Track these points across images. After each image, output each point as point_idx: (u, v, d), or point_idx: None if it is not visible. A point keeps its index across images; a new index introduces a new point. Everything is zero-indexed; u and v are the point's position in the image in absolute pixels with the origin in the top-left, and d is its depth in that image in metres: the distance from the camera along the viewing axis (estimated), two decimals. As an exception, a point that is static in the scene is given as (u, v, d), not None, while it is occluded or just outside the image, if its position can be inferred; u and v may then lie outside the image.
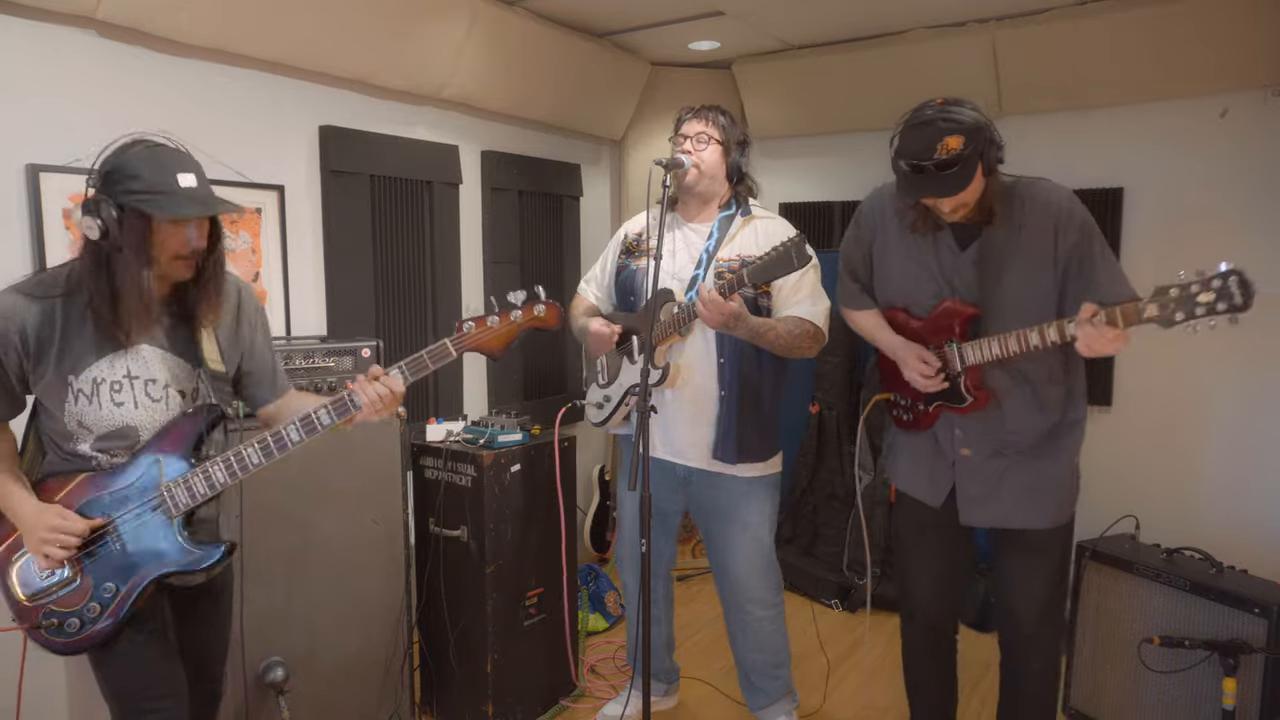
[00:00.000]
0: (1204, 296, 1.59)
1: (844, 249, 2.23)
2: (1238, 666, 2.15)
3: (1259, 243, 3.14)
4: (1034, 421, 2.00)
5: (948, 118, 1.79)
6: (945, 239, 1.99)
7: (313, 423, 1.62)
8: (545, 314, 1.67)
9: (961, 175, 1.78)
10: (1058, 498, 2.04)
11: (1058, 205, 1.90)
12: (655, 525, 2.51)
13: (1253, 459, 3.20)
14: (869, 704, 2.87)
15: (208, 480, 1.59)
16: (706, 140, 2.37)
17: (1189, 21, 3.00)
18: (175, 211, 1.45)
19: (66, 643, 1.57)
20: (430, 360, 1.64)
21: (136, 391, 1.59)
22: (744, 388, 2.34)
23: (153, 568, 1.58)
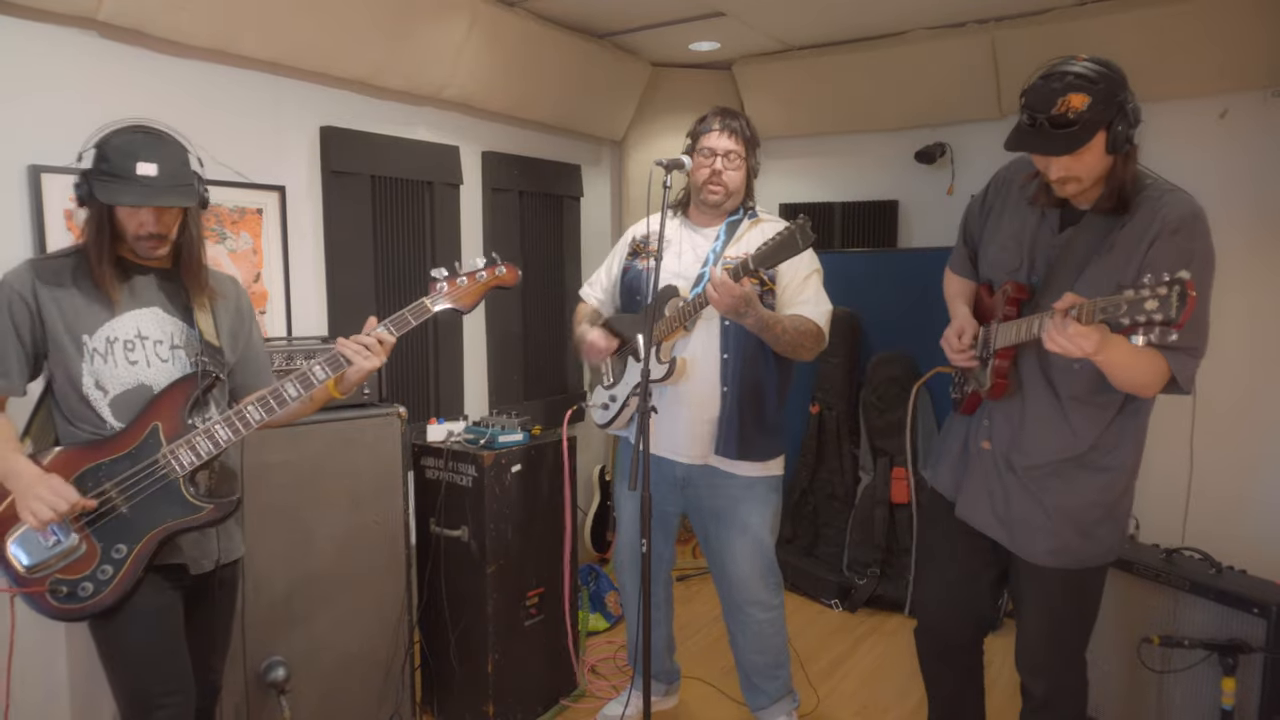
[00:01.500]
0: (1149, 303, 1.41)
1: (966, 211, 2.11)
2: (1237, 666, 2.15)
3: (1259, 243, 3.14)
4: (1048, 440, 1.83)
5: (1079, 74, 1.61)
6: (1050, 217, 1.84)
7: (308, 377, 1.70)
8: (505, 274, 1.88)
9: (1075, 138, 1.61)
10: (1050, 536, 1.85)
11: (1165, 215, 1.67)
12: (655, 527, 2.50)
13: (1252, 459, 3.20)
14: (869, 704, 2.87)
15: (211, 439, 1.65)
16: (737, 159, 2.36)
17: (1189, 22, 3.01)
18: (112, 198, 1.55)
19: (80, 607, 1.59)
20: (411, 316, 1.81)
21: (148, 351, 1.68)
22: (746, 385, 2.34)
23: (162, 525, 1.62)
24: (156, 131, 1.64)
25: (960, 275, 2.11)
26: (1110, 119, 1.61)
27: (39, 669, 2.24)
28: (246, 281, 2.75)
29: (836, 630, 3.43)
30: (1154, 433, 1.83)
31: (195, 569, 1.73)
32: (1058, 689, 1.97)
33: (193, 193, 1.63)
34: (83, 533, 1.59)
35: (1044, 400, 1.84)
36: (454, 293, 1.83)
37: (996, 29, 3.38)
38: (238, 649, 2.22)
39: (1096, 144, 1.63)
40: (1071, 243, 1.80)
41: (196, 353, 1.72)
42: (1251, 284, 3.15)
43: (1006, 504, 1.90)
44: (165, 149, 1.61)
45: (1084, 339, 1.52)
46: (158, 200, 1.58)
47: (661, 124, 4.15)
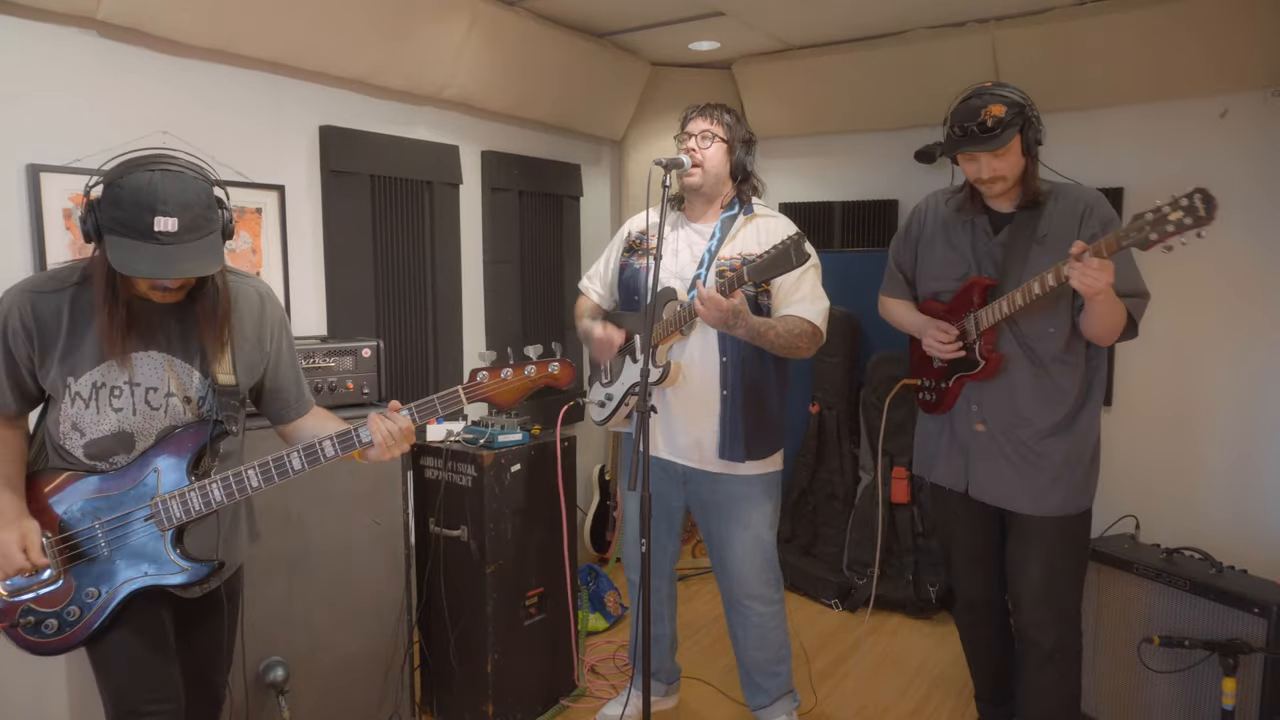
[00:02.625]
0: (1173, 215, 1.71)
1: (893, 245, 2.43)
2: (1237, 666, 2.15)
3: (1259, 243, 3.14)
4: (1044, 403, 2.10)
5: (994, 92, 2.03)
6: (982, 224, 2.19)
7: (316, 454, 1.61)
8: (559, 373, 1.68)
9: (1000, 137, 1.98)
10: (1065, 486, 2.12)
11: (1084, 199, 2.09)
12: (659, 521, 2.52)
13: (1252, 459, 3.20)
14: (869, 704, 2.87)
15: (204, 498, 1.57)
16: (711, 138, 2.37)
17: (1189, 22, 3.00)
18: (128, 268, 1.40)
19: (41, 642, 1.55)
20: (440, 405, 1.64)
21: (136, 398, 1.56)
22: (746, 387, 2.34)
23: (137, 578, 1.56)
24: (177, 168, 1.44)
25: (899, 299, 2.42)
26: (1022, 124, 2.01)
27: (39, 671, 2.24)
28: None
29: (836, 630, 3.43)
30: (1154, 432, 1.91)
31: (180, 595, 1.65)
32: (1063, 641, 2.18)
33: (217, 244, 1.47)
34: (63, 567, 1.55)
35: (1027, 369, 2.12)
36: (494, 387, 1.65)
37: (996, 29, 3.38)
38: (238, 649, 2.22)
39: (1015, 145, 2.02)
40: (1010, 239, 2.13)
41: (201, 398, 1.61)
42: (1252, 284, 3.15)
43: (1018, 473, 2.14)
44: (185, 191, 1.41)
45: (1104, 271, 1.81)
46: (177, 270, 1.41)
47: (661, 124, 4.15)
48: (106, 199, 1.41)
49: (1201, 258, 3.02)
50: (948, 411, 2.26)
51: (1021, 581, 2.20)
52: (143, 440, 1.58)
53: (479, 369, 1.64)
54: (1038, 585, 2.17)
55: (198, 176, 1.47)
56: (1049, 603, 2.17)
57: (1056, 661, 2.18)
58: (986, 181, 2.08)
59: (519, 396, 1.66)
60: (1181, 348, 3.28)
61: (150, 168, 1.42)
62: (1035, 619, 2.19)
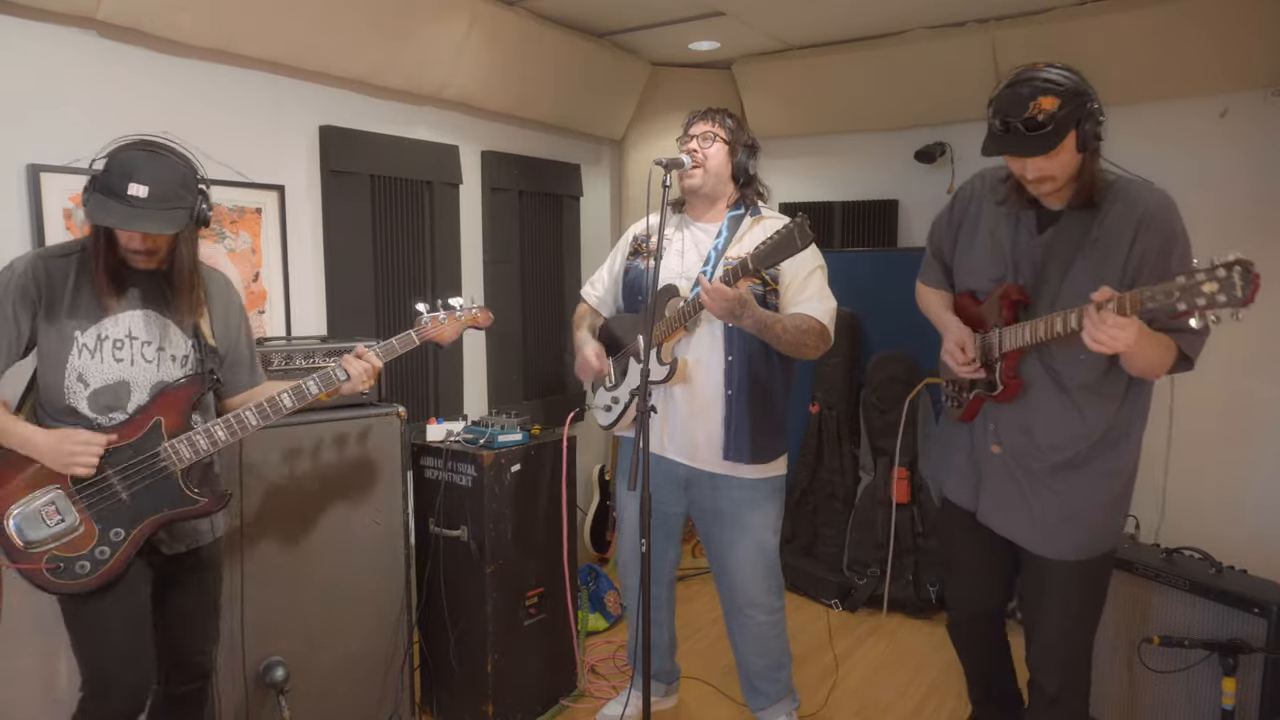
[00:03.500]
0: (1208, 286, 1.45)
1: (933, 226, 2.20)
2: (1237, 666, 2.14)
3: (1259, 243, 3.13)
4: (1063, 434, 1.87)
5: (1047, 79, 1.71)
6: (1027, 220, 1.91)
7: (303, 391, 1.86)
8: (479, 317, 2.12)
9: (1049, 138, 1.68)
10: (1078, 529, 1.89)
11: (1145, 205, 1.77)
12: (657, 528, 2.50)
13: (1252, 459, 3.20)
14: (869, 704, 2.87)
15: (210, 438, 1.77)
16: (712, 138, 2.36)
17: (1189, 21, 3.00)
18: (95, 216, 1.61)
19: (75, 584, 1.68)
20: (399, 345, 2.00)
21: (134, 350, 1.76)
22: (751, 387, 2.32)
23: (160, 513, 1.74)
24: (162, 149, 1.67)
25: (934, 288, 2.18)
26: (1079, 118, 1.70)
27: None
28: (245, 281, 2.75)
29: (836, 630, 3.43)
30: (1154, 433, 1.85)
31: (168, 549, 1.82)
32: (1069, 685, 2.01)
33: (178, 217, 1.66)
34: (83, 513, 1.69)
35: (1051, 395, 1.88)
36: (436, 329, 2.05)
37: (996, 29, 3.38)
38: (238, 649, 2.22)
39: (1068, 143, 1.71)
40: (1053, 242, 1.86)
41: (187, 355, 1.82)
42: (1251, 284, 3.15)
43: (1027, 506, 1.93)
44: (162, 169, 1.64)
45: (1123, 330, 1.55)
46: (136, 224, 1.62)
47: (661, 124, 4.15)
48: (102, 169, 1.64)
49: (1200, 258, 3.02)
50: (969, 422, 2.06)
51: (1032, 621, 2.03)
52: (138, 392, 1.76)
53: (423, 316, 2.05)
54: (1052, 631, 1.99)
55: (179, 162, 1.69)
56: (1060, 647, 1.99)
57: (1060, 705, 2.02)
58: (1032, 182, 1.81)
59: (454, 336, 2.08)
60: (1181, 348, 3.28)
61: (141, 148, 1.66)
62: (1044, 662, 2.01)
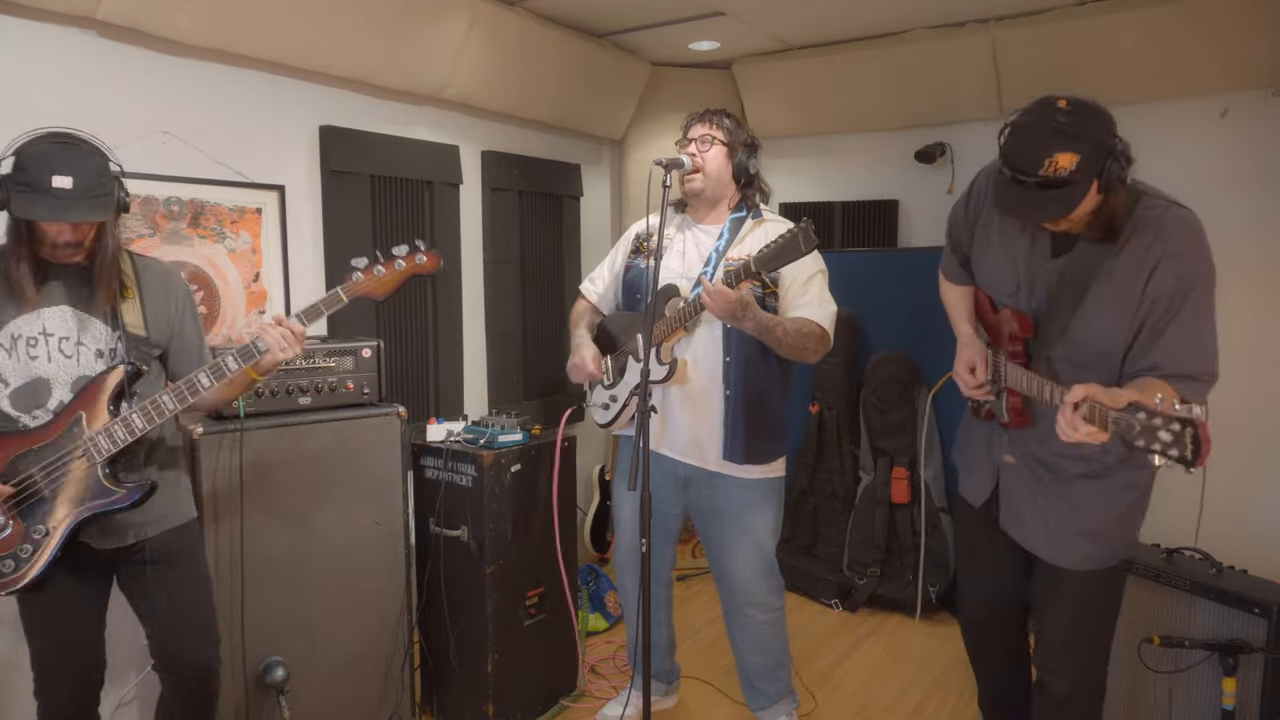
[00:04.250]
0: (1164, 434, 1.38)
1: (951, 218, 2.07)
2: (1237, 666, 2.14)
3: (1259, 243, 3.14)
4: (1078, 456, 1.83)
5: (1068, 129, 1.51)
6: (1042, 241, 1.78)
7: (221, 368, 1.78)
8: (425, 262, 1.90)
9: (1067, 199, 1.52)
10: (1092, 540, 1.88)
11: (1165, 240, 1.61)
12: (656, 528, 2.48)
13: (1253, 459, 3.20)
14: (869, 704, 2.87)
15: (127, 427, 1.73)
16: (710, 142, 2.36)
17: (1189, 21, 3.00)
18: (26, 211, 1.60)
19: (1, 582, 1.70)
20: (324, 306, 1.84)
21: (50, 347, 1.74)
22: (750, 388, 2.32)
23: (79, 508, 1.72)
24: (75, 140, 1.66)
25: (955, 282, 2.11)
26: (1101, 169, 1.53)
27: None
28: (246, 281, 2.74)
29: (836, 630, 3.43)
30: None
31: (100, 544, 1.79)
32: (1080, 688, 2.00)
33: (106, 205, 1.67)
34: (10, 514, 1.70)
35: None
36: (368, 283, 1.86)
37: (996, 29, 3.38)
38: (238, 649, 2.22)
39: (1090, 191, 1.57)
40: (1067, 270, 1.75)
41: (113, 348, 1.78)
42: (1252, 284, 3.15)
43: (1040, 516, 1.92)
44: (81, 160, 1.63)
45: (1094, 437, 1.49)
46: (70, 215, 1.62)
47: (661, 124, 4.15)
48: (15, 165, 1.62)
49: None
50: (988, 421, 2.04)
51: (1045, 624, 2.02)
52: (59, 388, 1.75)
53: (353, 269, 1.84)
54: (1060, 633, 1.98)
55: (94, 151, 1.68)
56: (1069, 650, 1.98)
57: (1072, 707, 2.00)
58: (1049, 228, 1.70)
59: (393, 287, 1.88)
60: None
61: (50, 140, 1.64)
62: (1052, 665, 2.00)
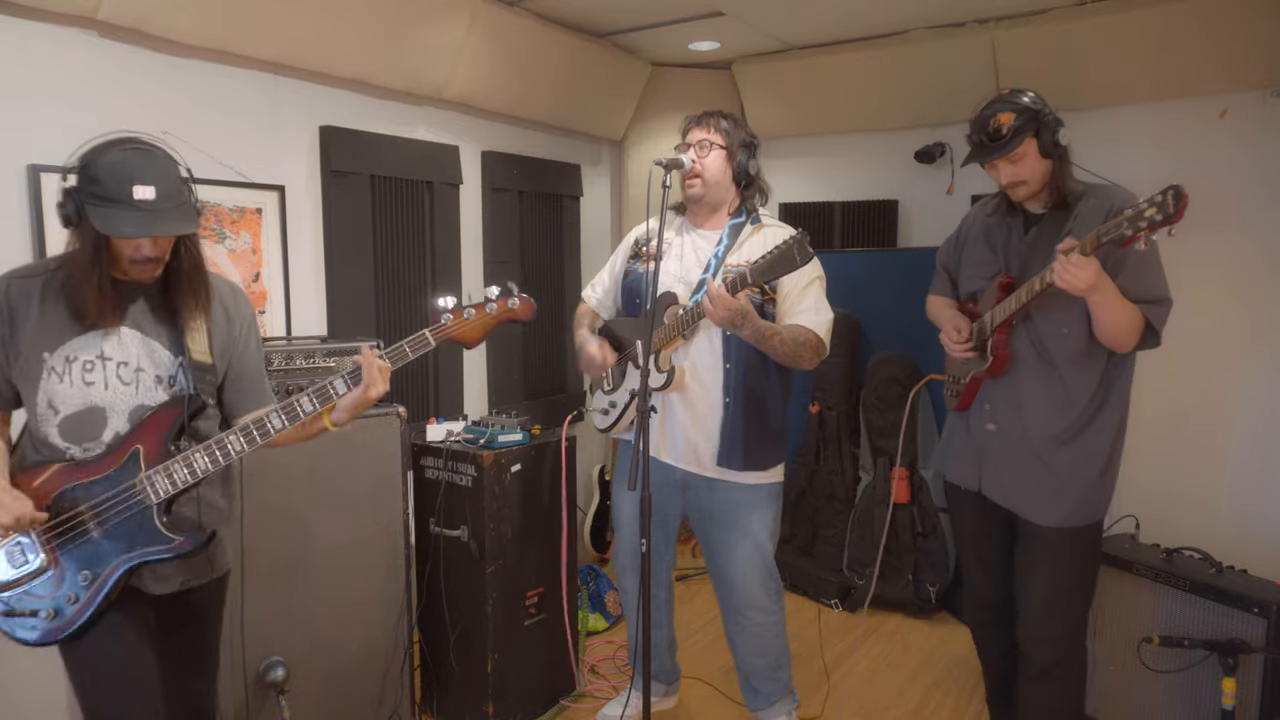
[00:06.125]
0: (1148, 211, 1.72)
1: (942, 246, 2.45)
2: (1237, 666, 2.15)
3: (1259, 243, 3.14)
4: (1051, 407, 2.06)
5: (1006, 100, 2.05)
6: (1016, 226, 2.18)
7: (295, 409, 1.63)
8: (519, 308, 1.76)
9: (1006, 144, 2.00)
10: (1070, 499, 2.05)
11: (1113, 200, 2.01)
12: (655, 530, 2.49)
13: (1252, 459, 3.20)
14: (869, 704, 2.87)
15: (189, 467, 1.58)
16: (709, 147, 2.35)
17: (1189, 22, 3.01)
18: (114, 229, 1.47)
19: (41, 633, 1.54)
20: (410, 349, 1.70)
21: (108, 373, 1.59)
22: (748, 395, 2.32)
23: (129, 555, 1.57)
24: (147, 146, 1.54)
25: (941, 295, 2.41)
26: (1035, 127, 2.00)
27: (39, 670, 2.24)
28: (246, 281, 2.75)
29: (836, 630, 3.43)
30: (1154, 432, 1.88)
31: (154, 589, 1.64)
32: (1063, 659, 2.11)
33: (193, 213, 1.56)
34: (52, 554, 1.54)
35: (1038, 371, 2.08)
36: (459, 326, 1.72)
37: (996, 29, 3.38)
38: (238, 649, 2.22)
39: (1028, 148, 2.02)
40: (1036, 239, 2.12)
41: (174, 375, 1.63)
42: (1251, 284, 3.15)
43: (1020, 475, 2.11)
44: (159, 166, 1.52)
45: (1084, 267, 1.81)
46: (160, 229, 1.50)
47: (661, 124, 4.15)
48: (84, 179, 1.49)
49: (1201, 258, 3.03)
50: (967, 409, 2.24)
51: (1025, 593, 2.15)
52: (115, 417, 1.59)
53: (442, 311, 1.71)
54: (1040, 598, 2.11)
55: (168, 156, 1.56)
56: (1049, 617, 2.10)
57: (1054, 677, 2.11)
58: (1008, 186, 2.09)
59: (484, 334, 1.75)
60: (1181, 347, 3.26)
61: (122, 147, 1.51)
62: (1034, 632, 2.12)
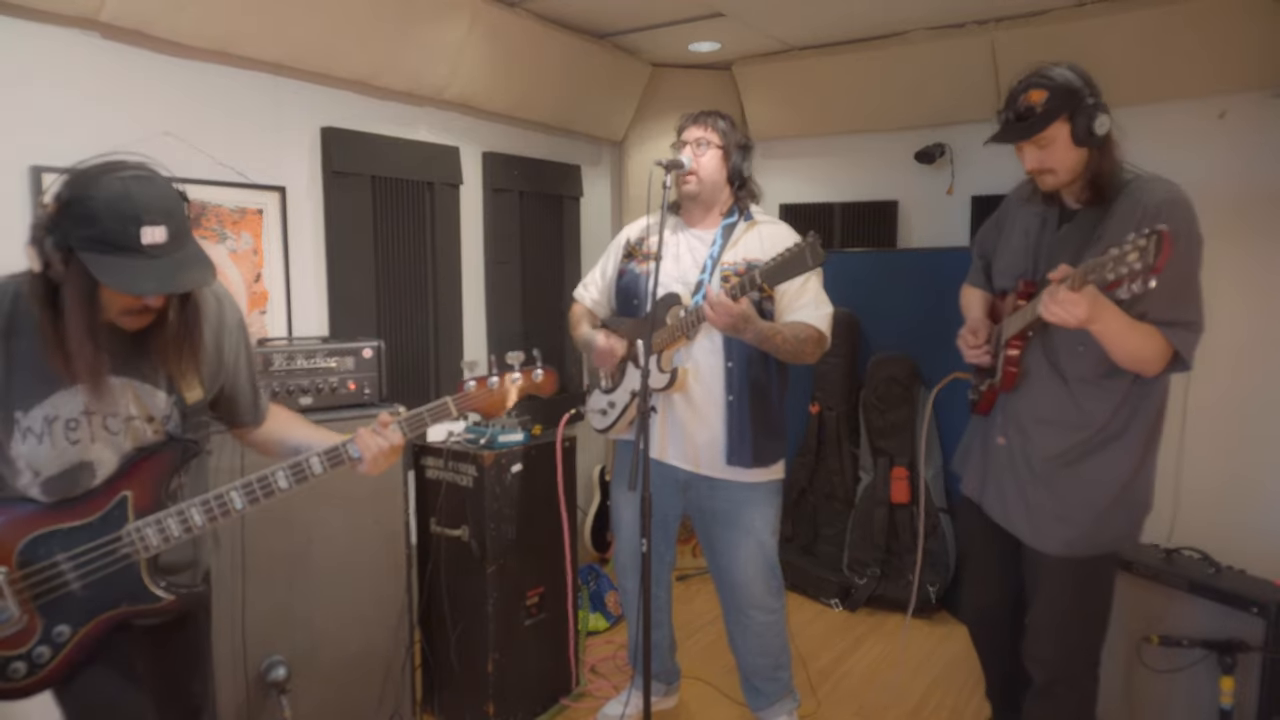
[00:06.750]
0: (1131, 256, 1.51)
1: (981, 230, 2.27)
2: (1235, 666, 2.15)
3: (1259, 244, 3.14)
4: (1058, 426, 1.89)
5: (1040, 74, 1.81)
6: (1050, 218, 1.98)
7: (303, 471, 1.53)
8: (542, 381, 1.69)
9: (1032, 126, 1.78)
10: (1071, 528, 1.90)
11: (1148, 202, 1.77)
12: (655, 530, 2.49)
13: (1251, 459, 3.20)
14: (869, 704, 2.88)
15: (183, 523, 1.45)
16: (705, 145, 2.36)
17: (1188, 22, 3.01)
18: (131, 287, 1.26)
19: (10, 687, 1.40)
20: (430, 417, 1.60)
21: (94, 426, 1.41)
22: (753, 392, 2.32)
23: (114, 610, 1.44)
24: (145, 171, 1.31)
25: (976, 288, 2.23)
26: (1068, 111, 1.77)
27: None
28: (247, 281, 2.75)
29: (836, 630, 3.43)
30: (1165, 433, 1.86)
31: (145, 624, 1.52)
32: (1060, 679, 2.02)
33: (206, 257, 1.35)
34: (25, 605, 1.38)
35: (1052, 387, 1.91)
36: (481, 397, 1.63)
37: (996, 29, 3.38)
38: (238, 649, 2.23)
39: (1058, 134, 1.79)
40: (1066, 237, 1.92)
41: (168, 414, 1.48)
42: (1250, 284, 3.15)
43: (1023, 497, 1.97)
44: (164, 198, 1.30)
45: (1074, 305, 1.62)
46: (180, 282, 1.30)
47: (661, 124, 4.15)
48: (76, 215, 1.25)
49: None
50: (986, 415, 2.11)
51: (1030, 612, 2.05)
52: (103, 468, 1.44)
53: (467, 379, 1.65)
54: (1039, 622, 2.02)
55: (167, 182, 1.34)
56: (1046, 640, 2.00)
57: (1052, 697, 2.02)
58: (1034, 173, 1.88)
59: (505, 407, 1.65)
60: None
61: (117, 174, 1.28)
62: (1030, 651, 2.04)
